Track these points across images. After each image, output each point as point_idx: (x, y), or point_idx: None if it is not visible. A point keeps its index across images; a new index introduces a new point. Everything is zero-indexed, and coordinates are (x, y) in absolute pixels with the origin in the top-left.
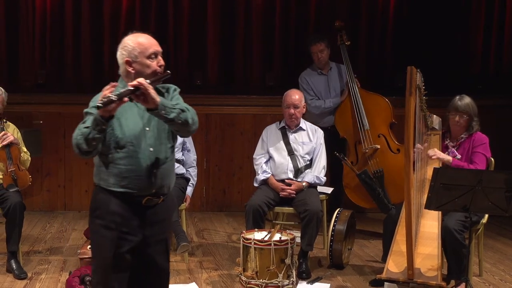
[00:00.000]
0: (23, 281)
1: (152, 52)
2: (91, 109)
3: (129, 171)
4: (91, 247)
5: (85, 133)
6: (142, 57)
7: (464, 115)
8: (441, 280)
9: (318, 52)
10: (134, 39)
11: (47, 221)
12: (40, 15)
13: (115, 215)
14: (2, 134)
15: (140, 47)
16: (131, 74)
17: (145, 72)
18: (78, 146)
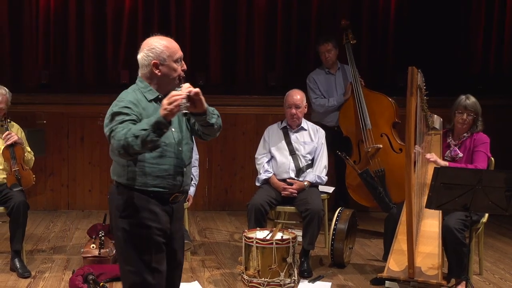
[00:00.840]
0: (27, 279)
1: (179, 56)
2: (123, 109)
3: (162, 171)
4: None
5: (144, 135)
6: (170, 61)
7: (472, 114)
8: (442, 279)
9: (326, 52)
10: (162, 42)
11: (50, 220)
12: (43, 16)
13: (147, 212)
14: (6, 134)
15: (169, 51)
16: (157, 77)
17: (171, 75)
18: (127, 147)
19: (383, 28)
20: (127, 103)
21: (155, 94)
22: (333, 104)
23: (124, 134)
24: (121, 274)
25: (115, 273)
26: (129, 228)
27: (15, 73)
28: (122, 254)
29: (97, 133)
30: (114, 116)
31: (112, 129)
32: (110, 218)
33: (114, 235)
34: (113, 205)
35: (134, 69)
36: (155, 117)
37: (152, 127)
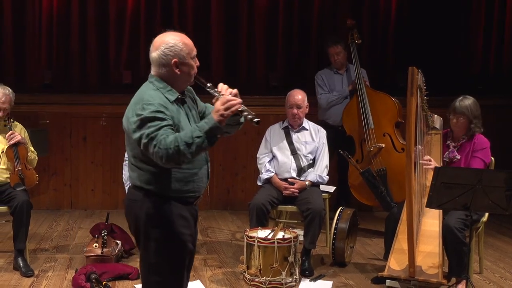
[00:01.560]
0: (30, 278)
1: (195, 54)
2: (156, 114)
3: (192, 175)
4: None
5: (199, 142)
6: (189, 58)
7: (461, 117)
8: (442, 278)
9: (335, 54)
10: (179, 38)
11: (53, 219)
12: (46, 17)
13: (181, 219)
14: (9, 134)
15: (188, 48)
16: (176, 76)
17: (190, 73)
18: (177, 156)
19: (384, 29)
20: (158, 106)
21: (175, 94)
22: (336, 97)
23: (173, 142)
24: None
25: (117, 272)
26: (164, 237)
27: (18, 73)
28: (151, 263)
29: (100, 133)
30: (147, 121)
31: (150, 136)
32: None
33: (142, 245)
34: (141, 213)
35: (136, 70)
36: (208, 123)
37: (206, 133)
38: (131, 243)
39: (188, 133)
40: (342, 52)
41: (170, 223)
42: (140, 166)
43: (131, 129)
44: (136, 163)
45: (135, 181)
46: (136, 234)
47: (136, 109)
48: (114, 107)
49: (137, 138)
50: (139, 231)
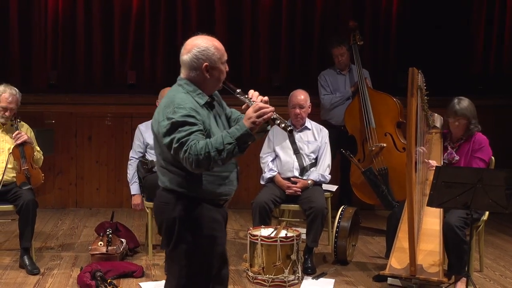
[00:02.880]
0: (36, 276)
1: (226, 58)
2: (187, 118)
3: (224, 178)
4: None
5: (229, 149)
6: (219, 63)
7: (462, 119)
8: (443, 276)
9: (339, 55)
10: (211, 43)
11: (59, 218)
12: (52, 18)
13: (213, 222)
14: (16, 134)
15: (219, 53)
16: (207, 80)
17: (220, 78)
18: (208, 162)
19: (385, 30)
20: (189, 110)
21: (205, 98)
22: (339, 97)
23: (204, 148)
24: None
25: (122, 270)
26: (195, 240)
27: (24, 73)
28: (182, 266)
29: (105, 132)
30: (178, 126)
31: (180, 141)
32: (164, 227)
33: (173, 247)
34: (173, 216)
35: (141, 70)
36: (239, 129)
37: (237, 140)
38: (135, 241)
39: (219, 139)
40: (346, 53)
41: (203, 226)
42: (171, 169)
43: (161, 132)
44: (167, 166)
45: (166, 184)
46: (167, 236)
47: (166, 112)
48: (119, 107)
49: (168, 142)
50: (171, 234)
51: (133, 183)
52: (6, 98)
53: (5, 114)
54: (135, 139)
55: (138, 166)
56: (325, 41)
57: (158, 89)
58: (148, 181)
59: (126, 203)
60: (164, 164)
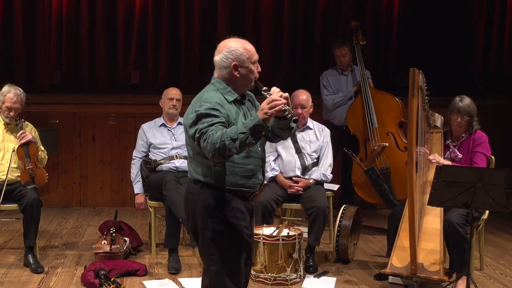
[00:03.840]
0: (40, 275)
1: (256, 59)
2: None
3: (248, 170)
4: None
5: (242, 138)
6: (249, 63)
7: (466, 116)
8: (443, 275)
9: (341, 56)
10: (241, 44)
11: (63, 217)
12: (56, 18)
13: (237, 211)
14: (20, 133)
15: (248, 53)
16: (235, 78)
17: (250, 77)
18: (223, 150)
19: (386, 30)
20: (214, 104)
21: (234, 95)
22: (341, 97)
23: (220, 137)
24: (206, 274)
25: (125, 268)
26: (220, 227)
27: (28, 74)
28: (210, 254)
29: (108, 132)
30: (202, 117)
31: (202, 131)
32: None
33: (200, 236)
34: (197, 205)
35: (144, 70)
36: (253, 120)
37: (250, 130)
38: (139, 240)
39: (234, 129)
40: (348, 54)
41: (226, 214)
42: (198, 159)
43: (188, 124)
44: (194, 157)
45: (193, 174)
46: (194, 227)
47: (195, 106)
48: (122, 107)
49: (192, 133)
50: (196, 223)
51: (136, 182)
52: (10, 98)
53: (10, 114)
54: (138, 139)
55: (141, 166)
56: (327, 42)
57: (161, 89)
58: (151, 180)
59: (129, 202)
60: (192, 155)
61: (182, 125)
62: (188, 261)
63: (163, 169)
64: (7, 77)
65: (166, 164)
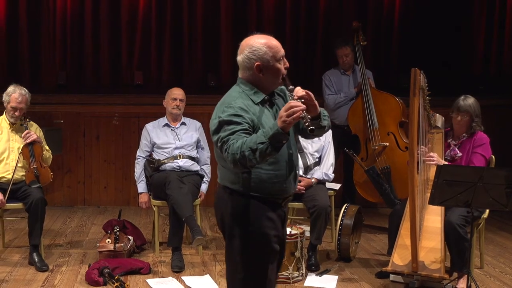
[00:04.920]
0: (45, 273)
1: (281, 55)
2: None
3: (277, 176)
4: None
5: (262, 149)
6: (273, 61)
7: (465, 115)
8: (444, 273)
9: (344, 56)
10: (263, 42)
11: (67, 216)
12: (60, 19)
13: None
14: (25, 133)
15: (272, 51)
16: (260, 79)
17: (276, 76)
18: (244, 161)
19: (388, 31)
20: (237, 110)
21: (261, 96)
22: (343, 97)
23: (239, 147)
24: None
25: (129, 266)
26: (247, 235)
27: (33, 74)
28: (236, 261)
29: (112, 132)
30: (223, 124)
31: (223, 140)
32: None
33: (226, 242)
34: (226, 212)
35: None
36: (272, 129)
37: (270, 139)
38: (142, 238)
39: (253, 138)
40: (351, 54)
41: (254, 222)
42: (225, 165)
43: (211, 131)
44: (221, 163)
45: (222, 181)
46: (222, 232)
47: (218, 111)
48: (126, 107)
49: (215, 140)
50: (223, 229)
51: (140, 181)
52: (16, 98)
53: (15, 114)
54: (142, 139)
55: (145, 165)
56: (329, 42)
57: (164, 90)
58: (154, 180)
59: (133, 201)
60: (219, 161)
61: (185, 125)
62: (191, 259)
63: (167, 168)
64: (12, 77)
65: (169, 163)
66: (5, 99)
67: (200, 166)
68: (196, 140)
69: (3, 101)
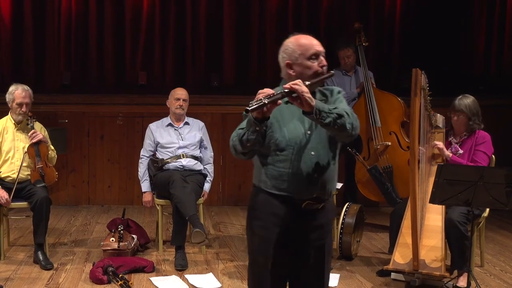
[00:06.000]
0: (49, 271)
1: (312, 53)
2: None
3: (289, 175)
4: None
5: (240, 134)
6: (302, 59)
7: (461, 115)
8: (445, 271)
9: (346, 57)
10: (294, 41)
11: (72, 214)
12: (65, 20)
13: (273, 216)
14: (32, 133)
15: (301, 49)
16: (292, 77)
17: (306, 74)
18: (234, 147)
19: (389, 31)
20: None
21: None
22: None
23: (233, 134)
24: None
25: (133, 265)
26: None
27: (38, 74)
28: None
29: (116, 131)
30: (243, 117)
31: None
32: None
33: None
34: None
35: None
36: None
37: (247, 126)
38: (146, 237)
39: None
40: (353, 55)
41: (260, 217)
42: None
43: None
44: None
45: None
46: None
47: None
48: (130, 107)
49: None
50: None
51: (144, 180)
52: (19, 94)
53: (22, 110)
54: (146, 138)
55: (149, 164)
56: (331, 42)
57: (168, 90)
58: (158, 179)
59: (137, 200)
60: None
61: (188, 124)
62: (194, 257)
63: (170, 168)
64: (17, 78)
65: (173, 163)
66: (9, 98)
67: (203, 166)
68: (199, 139)
69: (7, 101)
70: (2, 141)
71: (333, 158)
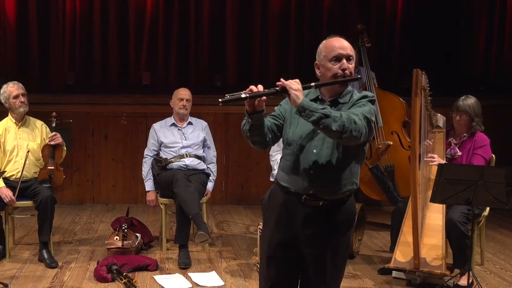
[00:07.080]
0: (54, 269)
1: (334, 55)
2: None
3: (290, 168)
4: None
5: (243, 123)
6: (325, 60)
7: (464, 115)
8: (446, 269)
9: None
10: (325, 43)
11: (76, 213)
12: (69, 21)
13: (279, 207)
14: (53, 135)
15: (326, 51)
16: (320, 77)
17: (327, 75)
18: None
19: (390, 32)
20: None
21: (314, 94)
22: None
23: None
24: None
25: (137, 263)
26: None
27: (42, 75)
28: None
29: (121, 131)
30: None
31: None
32: None
33: None
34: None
35: (155, 71)
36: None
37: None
38: (150, 236)
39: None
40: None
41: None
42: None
43: None
44: None
45: None
46: None
47: None
48: (134, 106)
49: None
50: None
51: (147, 180)
52: (12, 87)
53: (21, 101)
54: (150, 138)
55: (153, 164)
56: None
57: (171, 90)
58: (162, 178)
59: (141, 199)
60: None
61: (192, 124)
62: (198, 256)
63: (174, 167)
64: (21, 78)
65: (176, 162)
66: (4, 98)
67: (206, 165)
68: (203, 139)
69: (3, 103)
70: (4, 142)
71: (342, 159)
